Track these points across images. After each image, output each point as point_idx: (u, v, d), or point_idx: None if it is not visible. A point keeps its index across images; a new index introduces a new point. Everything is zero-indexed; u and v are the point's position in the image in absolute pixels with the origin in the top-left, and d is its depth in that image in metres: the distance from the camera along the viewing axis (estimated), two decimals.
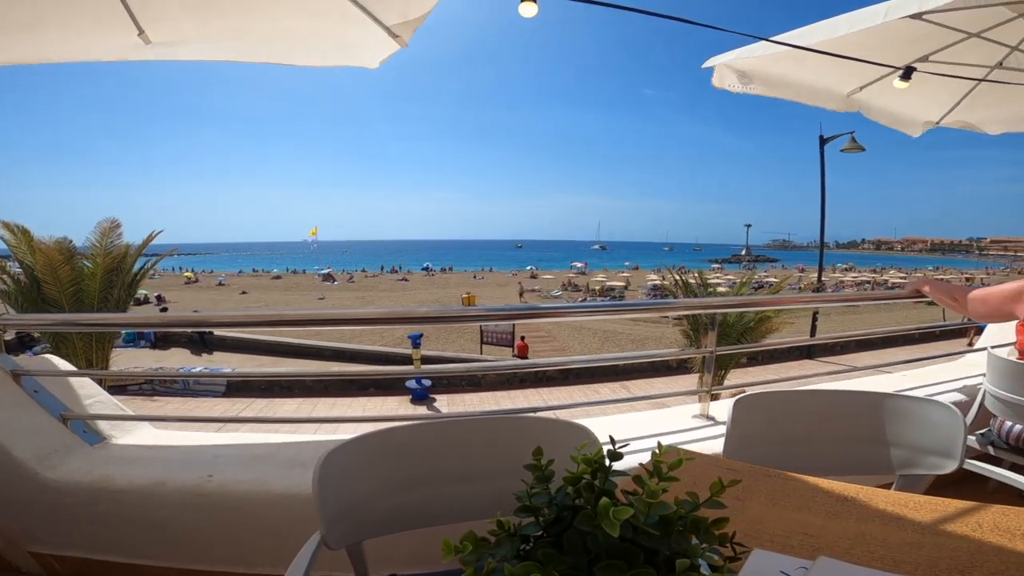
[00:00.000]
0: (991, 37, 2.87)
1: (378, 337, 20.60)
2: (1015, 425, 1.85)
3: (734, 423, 1.25)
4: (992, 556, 0.75)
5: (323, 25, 2.33)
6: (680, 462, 0.56)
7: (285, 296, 39.11)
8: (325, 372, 17.55)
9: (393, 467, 1.14)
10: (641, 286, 43.82)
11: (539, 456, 0.59)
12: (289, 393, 13.06)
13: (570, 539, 0.49)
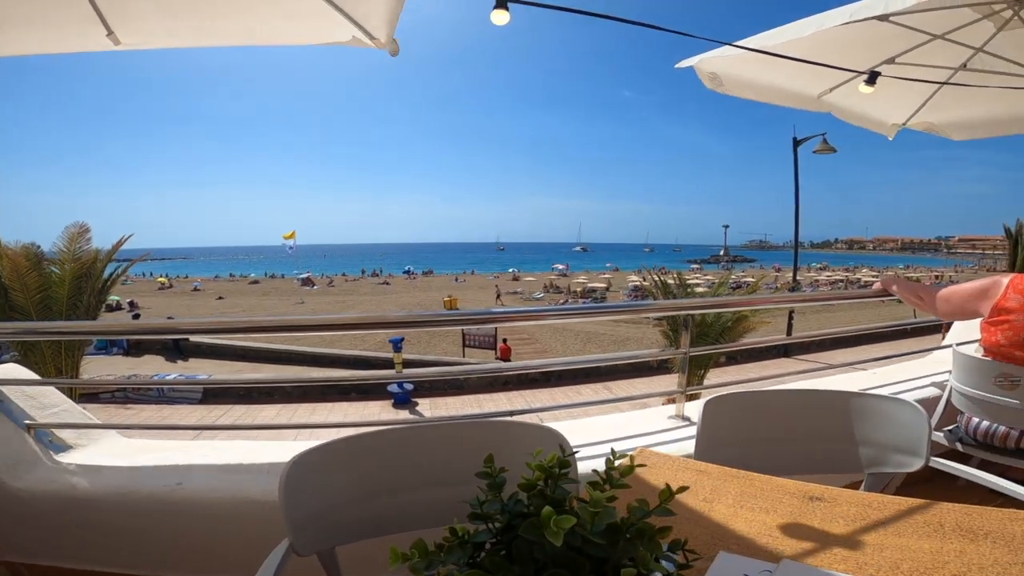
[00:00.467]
0: (956, 39, 2.93)
1: (359, 341, 20.39)
2: (982, 421, 1.88)
3: (704, 424, 1.25)
4: (953, 558, 0.75)
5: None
6: (631, 469, 0.56)
7: (263, 301, 38.46)
8: (305, 378, 17.31)
9: (363, 473, 1.13)
10: (622, 287, 44.14)
11: (490, 464, 0.58)
12: (268, 399, 12.88)
13: (519, 547, 0.48)
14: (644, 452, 1.16)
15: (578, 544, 0.47)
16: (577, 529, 0.46)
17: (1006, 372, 1.71)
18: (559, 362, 7.66)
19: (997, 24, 2.83)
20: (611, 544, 0.49)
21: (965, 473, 1.20)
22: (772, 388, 1.41)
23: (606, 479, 0.55)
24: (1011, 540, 0.78)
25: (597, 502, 0.48)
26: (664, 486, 0.87)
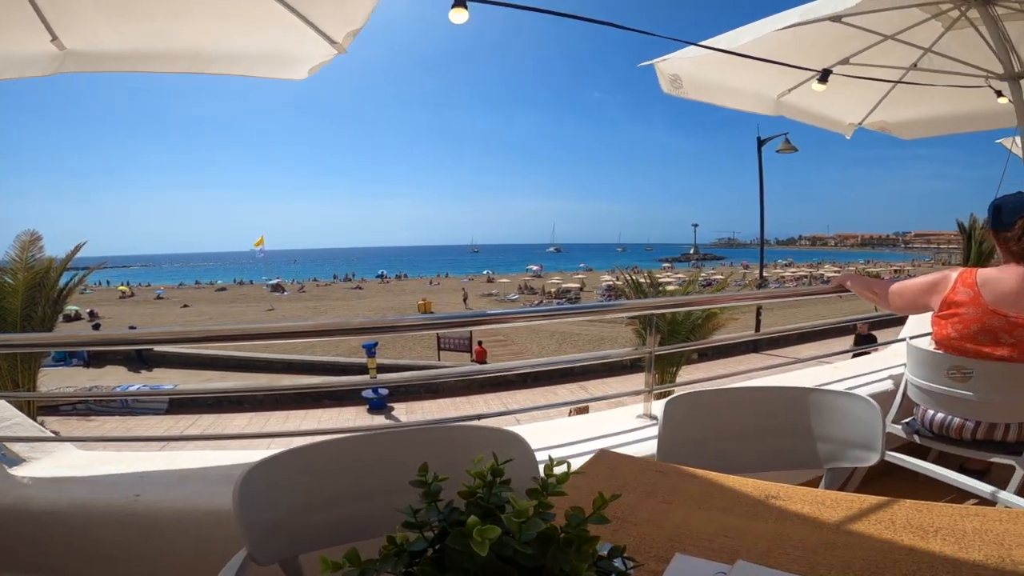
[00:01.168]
0: (906, 39, 3.02)
1: (332, 347, 20.08)
2: (937, 413, 1.92)
3: (666, 424, 1.25)
4: (904, 556, 0.75)
5: (256, 32, 2.25)
6: (567, 476, 0.54)
7: (231, 309, 37.50)
8: (275, 385, 17.00)
9: (323, 481, 1.11)
10: (596, 287, 44.52)
11: (424, 472, 0.56)
12: (239, 408, 12.59)
13: (450, 556, 0.46)
14: (605, 453, 1.15)
15: (509, 553, 0.46)
16: (505, 539, 0.45)
17: (957, 364, 1.77)
18: (527, 364, 7.71)
19: (945, 24, 2.92)
20: (542, 553, 0.47)
21: (918, 467, 1.23)
22: (731, 386, 1.42)
23: (542, 487, 0.53)
24: (961, 537, 0.78)
25: (522, 511, 0.47)
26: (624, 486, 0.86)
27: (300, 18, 2.00)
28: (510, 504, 0.49)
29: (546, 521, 0.50)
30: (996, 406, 1.76)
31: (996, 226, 1.83)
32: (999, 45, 2.72)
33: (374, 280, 67.05)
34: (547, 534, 0.48)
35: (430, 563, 0.48)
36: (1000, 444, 1.80)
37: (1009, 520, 0.82)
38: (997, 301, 1.71)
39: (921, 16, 2.90)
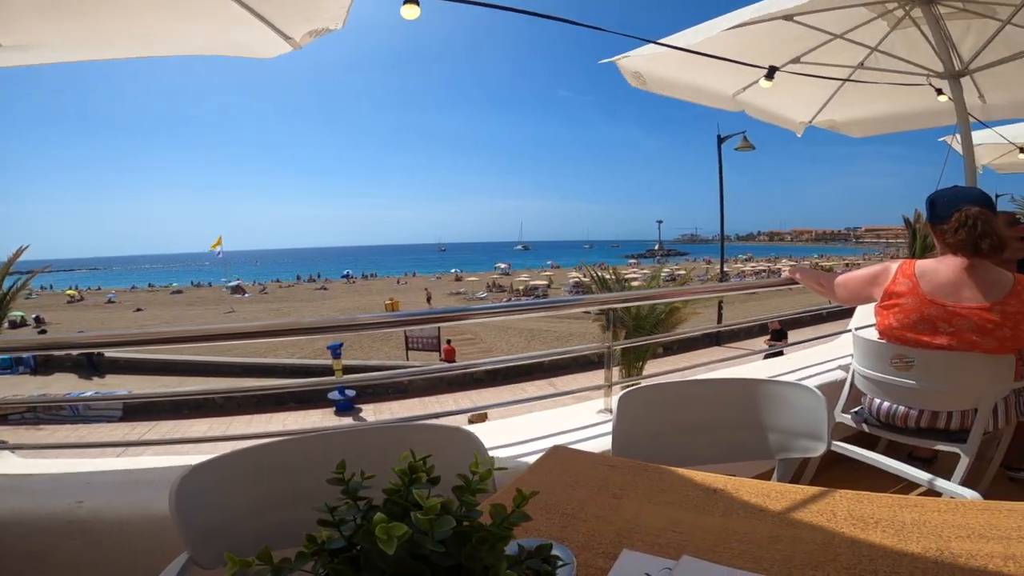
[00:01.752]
0: (853, 38, 3.11)
1: (296, 349, 19.66)
2: (883, 402, 1.99)
3: (620, 418, 1.25)
4: (845, 549, 0.76)
5: (207, 27, 2.17)
6: (489, 473, 0.53)
7: (188, 312, 36.17)
8: (236, 388, 16.53)
9: (269, 483, 1.08)
10: (563, 283, 44.89)
11: (342, 470, 0.54)
12: (198, 413, 12.27)
13: (366, 555, 0.45)
14: (558, 449, 1.14)
15: (425, 552, 0.45)
16: (417, 537, 0.44)
17: (900, 354, 1.83)
18: (490, 362, 7.78)
19: (890, 23, 3.02)
20: (458, 551, 0.46)
21: (862, 456, 1.26)
22: (684, 379, 1.44)
23: (465, 485, 0.52)
24: (900, 528, 0.79)
25: (430, 509, 0.46)
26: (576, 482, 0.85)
27: (249, 11, 1.93)
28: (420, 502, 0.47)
29: (472, 519, 0.50)
30: (938, 394, 1.83)
31: (933, 219, 1.91)
32: (940, 44, 2.83)
33: (340, 280, 65.82)
34: (463, 532, 0.47)
35: (346, 562, 0.47)
36: (944, 432, 1.88)
37: (947, 510, 0.84)
38: (935, 291, 1.78)
39: (868, 15, 2.98)
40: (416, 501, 0.47)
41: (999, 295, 1.71)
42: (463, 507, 0.51)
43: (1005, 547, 0.74)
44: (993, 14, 2.76)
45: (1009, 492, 2.31)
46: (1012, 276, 1.76)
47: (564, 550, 0.71)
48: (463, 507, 0.51)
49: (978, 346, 1.72)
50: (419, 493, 0.47)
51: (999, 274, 1.76)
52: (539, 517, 0.89)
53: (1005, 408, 1.87)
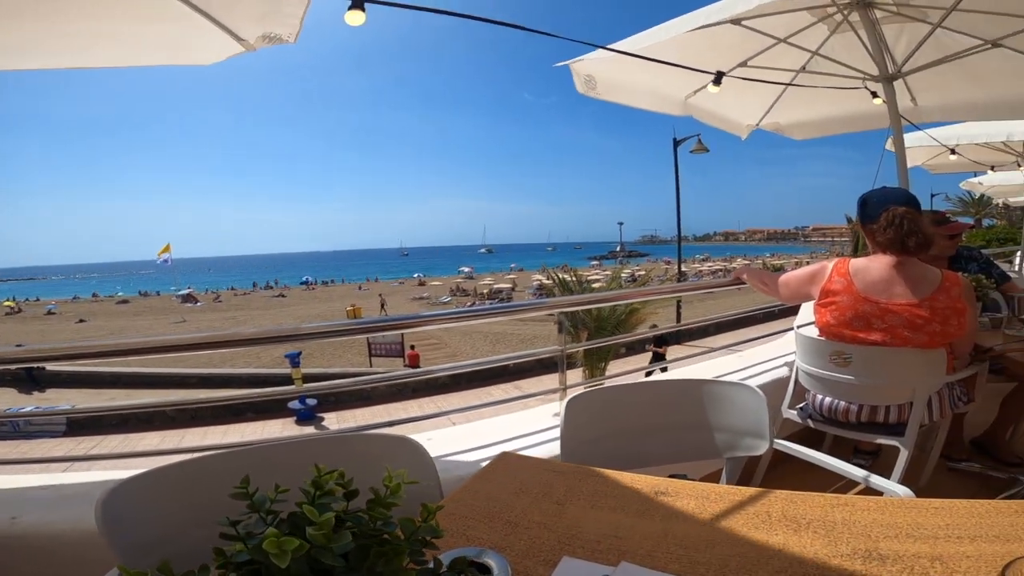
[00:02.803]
0: (796, 42, 3.20)
1: (253, 358, 19.06)
2: (825, 398, 2.05)
3: (567, 423, 1.25)
4: (777, 551, 0.77)
5: (153, 27, 2.08)
6: (399, 487, 0.52)
7: (135, 323, 34.50)
8: (189, 399, 15.87)
9: (205, 496, 1.01)
10: (527, 286, 45.04)
11: (246, 484, 0.53)
12: (148, 426, 11.82)
13: (268, 570, 0.44)
14: (507, 456, 1.12)
15: (326, 566, 0.45)
16: (315, 552, 0.44)
17: (838, 350, 1.90)
18: (444, 368, 7.79)
19: (831, 27, 3.13)
20: (360, 565, 0.46)
21: (800, 453, 1.29)
22: (630, 382, 1.45)
23: (376, 499, 0.52)
24: (831, 529, 0.81)
25: (324, 524, 0.45)
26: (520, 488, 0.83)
27: (197, 10, 1.86)
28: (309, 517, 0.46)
29: (389, 531, 0.50)
30: (875, 389, 1.91)
31: (864, 219, 2.00)
32: (875, 48, 2.93)
33: (299, 287, 64.13)
34: (364, 546, 0.47)
35: (249, 573, 0.46)
36: (883, 426, 1.95)
37: (877, 509, 0.85)
38: (867, 289, 1.86)
39: (810, 19, 3.08)
40: (306, 519, 0.45)
41: (928, 291, 1.80)
42: (375, 520, 0.50)
43: (932, 547, 0.75)
44: (925, 17, 2.87)
45: (949, 482, 2.42)
46: (940, 272, 1.85)
47: (500, 559, 0.69)
48: (375, 520, 0.50)
49: (910, 341, 1.80)
50: (309, 509, 0.47)
51: (927, 271, 1.86)
52: (482, 525, 0.88)
53: (939, 401, 1.96)
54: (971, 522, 0.81)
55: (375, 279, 74.24)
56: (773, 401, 2.26)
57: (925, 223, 1.87)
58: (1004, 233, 20.33)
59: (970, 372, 2.03)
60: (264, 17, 1.96)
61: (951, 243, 2.70)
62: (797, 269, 2.12)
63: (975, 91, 3.65)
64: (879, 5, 2.86)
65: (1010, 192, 10.19)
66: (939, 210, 2.90)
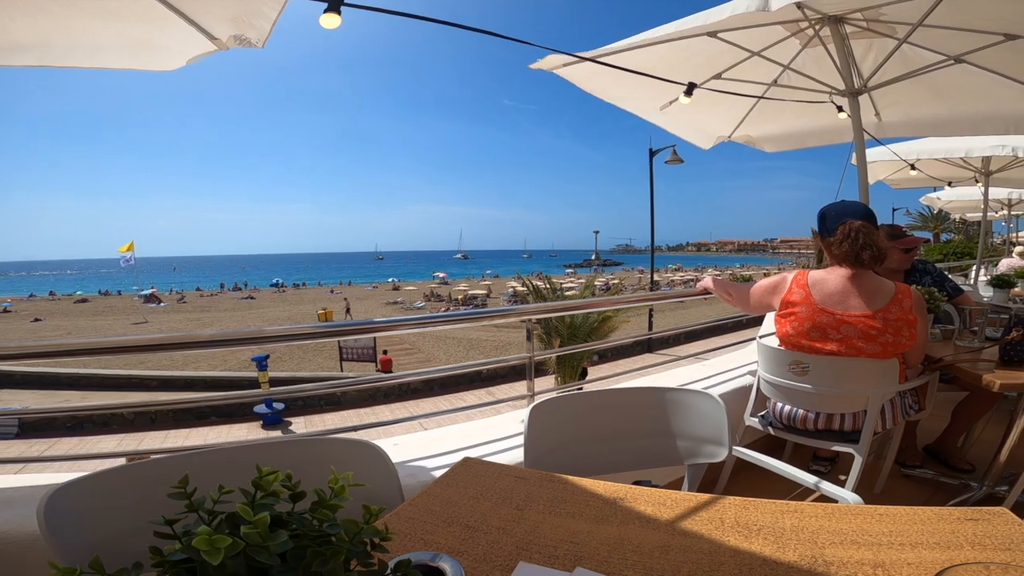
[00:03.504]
0: (769, 56, 3.28)
1: (219, 361, 18.56)
2: (785, 406, 2.11)
3: (531, 430, 1.25)
4: (729, 558, 0.78)
5: (119, 21, 2.03)
6: (343, 489, 0.52)
7: (94, 322, 33.21)
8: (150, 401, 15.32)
9: (157, 500, 0.99)
10: (502, 293, 45.06)
11: (183, 485, 0.53)
12: (105, 429, 11.50)
13: (203, 568, 0.45)
14: (469, 461, 1.12)
15: (263, 565, 0.45)
16: (250, 550, 0.45)
17: (797, 360, 1.96)
18: (412, 374, 7.77)
19: (802, 41, 3.21)
20: (297, 564, 0.47)
21: (757, 460, 1.32)
22: (594, 390, 1.46)
23: (320, 500, 0.52)
24: (780, 535, 0.82)
25: (259, 522, 0.45)
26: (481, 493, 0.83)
27: (170, 8, 1.84)
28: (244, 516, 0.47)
29: (333, 533, 0.50)
30: (831, 397, 1.97)
31: (822, 232, 2.06)
32: (843, 62, 3.00)
33: (268, 289, 62.75)
34: (304, 546, 0.48)
35: (185, 572, 0.46)
36: (839, 433, 2.01)
37: (825, 516, 0.87)
38: (825, 300, 1.92)
39: (784, 33, 3.15)
40: (238, 518, 0.45)
41: (882, 303, 1.87)
42: (320, 521, 0.51)
43: (875, 553, 0.77)
44: (893, 33, 2.97)
45: (903, 488, 2.51)
46: (893, 285, 1.93)
47: (454, 563, 0.69)
48: (320, 521, 0.51)
49: (864, 351, 1.87)
50: (243, 507, 0.47)
51: (881, 283, 1.93)
52: (440, 529, 0.87)
53: (892, 409, 2.04)
54: (914, 529, 0.83)
55: (348, 283, 73.20)
56: (736, 409, 2.32)
57: (880, 237, 1.94)
58: (961, 248, 21.26)
59: (921, 381, 2.11)
60: (236, 19, 1.94)
61: (907, 256, 2.80)
62: (759, 281, 2.18)
63: (937, 107, 3.78)
64: (849, 20, 2.92)
65: (966, 208, 10.66)
66: (896, 224, 2.99)
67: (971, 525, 0.83)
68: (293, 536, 0.47)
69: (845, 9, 2.80)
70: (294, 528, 0.49)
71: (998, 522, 0.83)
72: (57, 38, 2.02)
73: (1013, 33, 2.66)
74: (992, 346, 2.13)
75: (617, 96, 3.71)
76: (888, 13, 2.78)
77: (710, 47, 3.11)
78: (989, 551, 0.76)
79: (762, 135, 4.41)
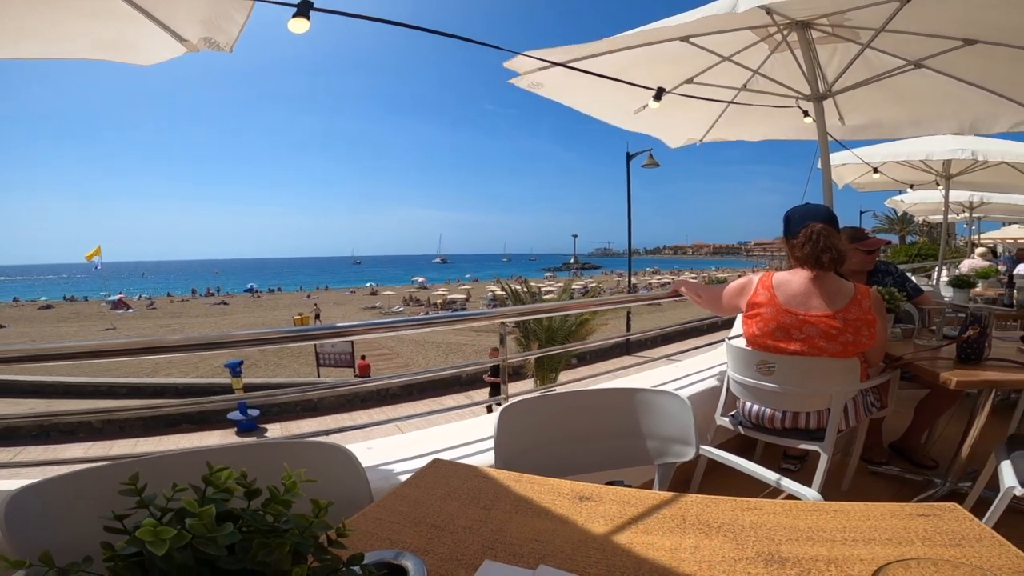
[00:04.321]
0: (739, 60, 3.32)
1: (191, 368, 18.13)
2: (753, 405, 2.16)
3: (501, 431, 1.26)
4: (689, 555, 0.79)
5: (92, 23, 2.00)
6: (294, 484, 0.53)
7: (59, 329, 32.11)
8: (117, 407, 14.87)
9: (122, 503, 0.98)
10: (482, 297, 45.00)
11: (134, 482, 0.54)
12: (72, 437, 11.09)
13: (150, 560, 0.46)
14: (438, 462, 1.13)
15: (210, 557, 0.47)
16: (196, 542, 0.46)
17: (763, 359, 2.01)
18: (385, 378, 7.79)
19: (771, 47, 3.26)
20: (244, 557, 0.48)
21: (723, 459, 1.35)
22: (564, 391, 1.48)
23: (272, 496, 0.53)
24: (739, 532, 0.84)
25: (204, 514, 0.47)
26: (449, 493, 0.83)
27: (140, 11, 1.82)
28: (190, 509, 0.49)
29: (286, 528, 0.51)
30: (796, 396, 2.02)
31: (786, 234, 2.12)
32: (809, 67, 3.07)
33: (243, 295, 61.47)
34: (249, 539, 0.49)
35: (133, 565, 0.48)
36: (805, 431, 2.07)
37: (782, 512, 0.89)
38: (788, 301, 1.97)
39: (754, 39, 3.21)
40: (184, 511, 0.47)
41: (842, 304, 1.93)
42: (271, 516, 0.52)
43: (829, 550, 0.79)
44: (856, 38, 3.04)
45: (870, 485, 2.58)
46: (853, 286, 1.99)
47: (417, 561, 0.70)
48: (271, 516, 0.52)
49: (825, 351, 1.93)
50: (189, 500, 0.48)
51: (842, 284, 1.99)
52: (407, 529, 0.88)
53: (855, 407, 2.10)
54: (867, 525, 0.85)
55: (325, 287, 72.21)
56: (707, 409, 2.36)
57: (840, 239, 2.01)
58: (926, 250, 21.95)
59: (882, 380, 2.18)
60: (207, 21, 1.93)
61: (870, 258, 2.89)
62: (728, 283, 2.23)
63: (899, 111, 3.91)
64: (816, 26, 2.98)
65: (929, 210, 11.01)
66: (859, 227, 3.07)
67: (922, 521, 0.85)
68: (246, 531, 0.48)
69: (813, 14, 2.86)
70: (246, 523, 0.50)
71: (949, 518, 0.85)
72: (28, 32, 1.98)
73: (971, 38, 2.74)
74: (949, 344, 2.20)
75: (591, 104, 3.75)
76: (853, 18, 2.84)
77: (682, 51, 3.15)
78: (938, 547, 0.78)
79: (732, 135, 4.50)
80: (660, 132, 4.29)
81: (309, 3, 1.84)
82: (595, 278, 64.14)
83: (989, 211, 10.74)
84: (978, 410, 2.14)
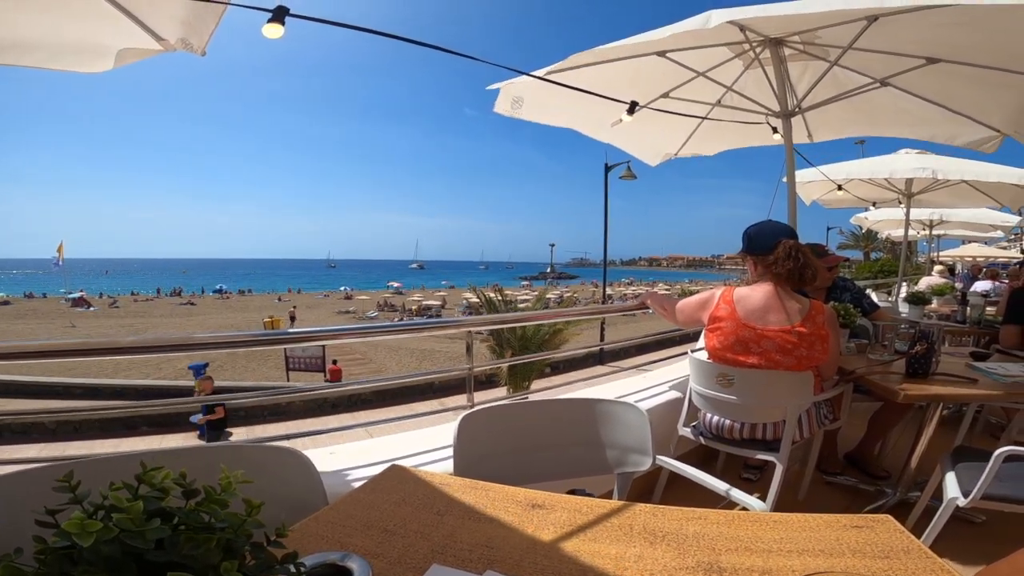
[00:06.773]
0: (713, 76, 3.36)
1: (153, 369, 17.59)
2: (714, 416, 2.21)
3: (460, 439, 1.27)
4: (633, 563, 0.81)
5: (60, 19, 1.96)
6: (230, 484, 0.55)
7: (14, 326, 30.79)
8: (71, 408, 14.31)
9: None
10: (458, 304, 44.84)
11: (69, 479, 0.54)
12: (24, 438, 10.69)
13: (80, 552, 0.47)
14: (395, 468, 1.13)
15: (138, 550, 0.48)
16: (123, 536, 0.47)
17: (723, 372, 2.06)
18: (356, 382, 7.73)
19: (745, 63, 3.32)
20: (173, 550, 0.49)
21: (678, 469, 1.38)
22: (524, 401, 1.49)
23: (208, 496, 0.54)
24: (683, 542, 0.86)
25: (132, 509, 0.48)
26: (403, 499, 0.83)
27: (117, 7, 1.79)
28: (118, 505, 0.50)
29: (221, 527, 0.52)
30: (754, 408, 2.08)
31: (754, 249, 2.17)
32: (780, 84, 3.15)
33: (211, 296, 59.92)
34: (176, 536, 0.50)
35: (62, 556, 0.49)
36: (762, 442, 2.12)
37: (725, 523, 0.92)
38: (748, 316, 2.03)
39: (728, 55, 3.27)
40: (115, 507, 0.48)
41: (797, 319, 2.00)
42: (205, 515, 0.53)
43: (765, 560, 0.81)
44: (826, 56, 3.12)
45: (825, 494, 2.66)
46: (809, 302, 2.06)
47: (363, 563, 0.70)
48: (205, 515, 0.53)
49: (781, 364, 1.99)
50: (116, 496, 0.49)
51: (798, 300, 2.06)
52: (359, 533, 0.89)
53: (808, 419, 2.16)
54: (803, 536, 0.88)
55: (298, 290, 70.93)
56: (670, 419, 2.40)
57: (811, 256, 2.08)
58: (889, 266, 22.69)
59: (835, 392, 2.26)
60: (184, 23, 1.91)
61: (829, 274, 2.99)
62: (690, 297, 2.28)
63: (865, 127, 4.06)
64: (788, 43, 3.06)
65: (892, 227, 11.41)
66: (819, 243, 3.17)
67: (855, 533, 0.88)
68: (182, 528, 0.49)
69: (785, 32, 2.93)
70: (182, 521, 0.51)
71: (881, 530, 0.88)
72: None
73: (934, 56, 2.84)
74: (899, 359, 2.29)
75: (572, 119, 3.79)
76: (823, 36, 2.92)
77: (659, 66, 3.21)
78: (867, 559, 0.81)
79: (706, 150, 4.61)
80: (639, 149, 4.36)
81: (285, 9, 1.84)
82: (571, 288, 64.59)
83: (949, 229, 11.16)
84: (926, 423, 2.24)
